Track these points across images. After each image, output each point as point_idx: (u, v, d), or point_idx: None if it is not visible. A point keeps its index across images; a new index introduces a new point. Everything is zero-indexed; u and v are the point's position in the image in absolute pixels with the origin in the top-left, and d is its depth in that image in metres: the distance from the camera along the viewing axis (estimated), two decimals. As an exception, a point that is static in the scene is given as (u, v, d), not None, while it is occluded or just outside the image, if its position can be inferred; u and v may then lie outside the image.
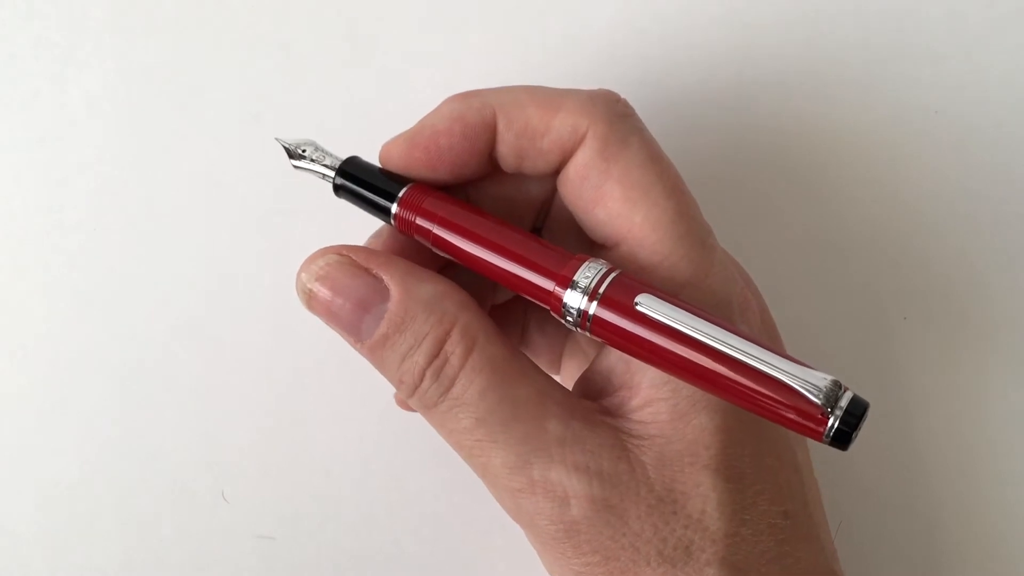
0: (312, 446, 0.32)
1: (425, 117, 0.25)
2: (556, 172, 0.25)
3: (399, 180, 0.25)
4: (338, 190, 0.26)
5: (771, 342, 0.25)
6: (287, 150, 0.27)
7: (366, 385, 0.32)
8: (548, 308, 0.24)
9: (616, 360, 0.24)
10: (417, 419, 0.32)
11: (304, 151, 0.26)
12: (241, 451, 0.31)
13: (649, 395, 0.23)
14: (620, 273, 0.23)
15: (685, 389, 0.23)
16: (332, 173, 0.26)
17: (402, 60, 0.33)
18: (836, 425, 0.20)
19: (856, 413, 0.20)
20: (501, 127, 0.25)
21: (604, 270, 0.23)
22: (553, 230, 0.28)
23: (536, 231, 0.28)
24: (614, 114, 0.24)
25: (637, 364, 0.24)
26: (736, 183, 0.32)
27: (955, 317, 0.32)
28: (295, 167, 0.27)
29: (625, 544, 0.23)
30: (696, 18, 0.32)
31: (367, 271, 0.24)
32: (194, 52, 0.33)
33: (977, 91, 0.32)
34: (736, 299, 0.24)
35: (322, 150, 0.26)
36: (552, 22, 0.32)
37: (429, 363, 0.23)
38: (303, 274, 0.25)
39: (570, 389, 0.25)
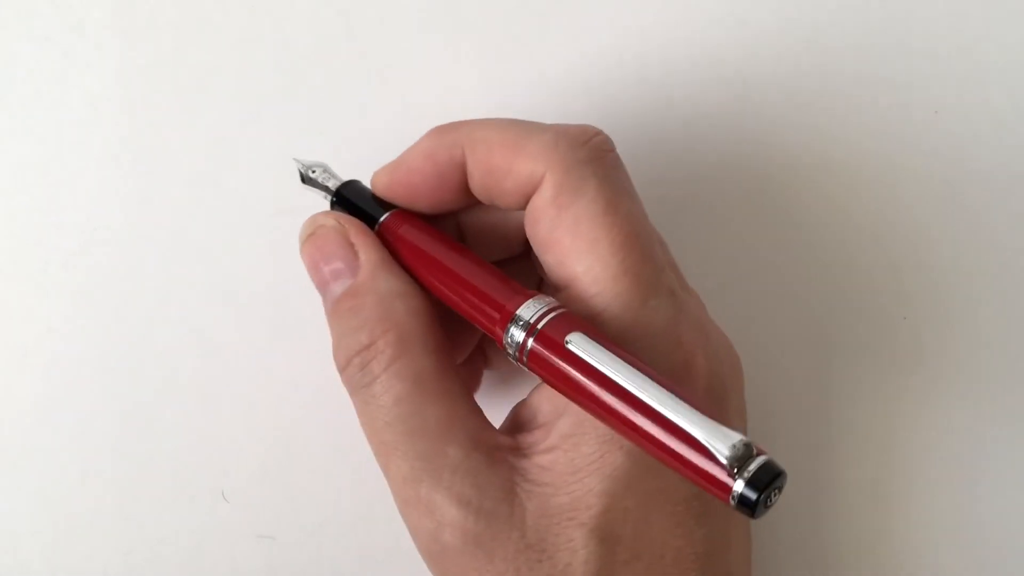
0: (312, 446, 0.32)
1: (404, 152, 0.27)
2: (518, 210, 0.26)
3: (387, 207, 0.27)
4: (334, 207, 0.29)
5: (711, 404, 0.25)
6: (300, 173, 0.29)
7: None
8: (495, 340, 0.24)
9: (543, 400, 0.25)
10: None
11: (314, 171, 0.29)
12: (241, 451, 0.31)
13: (555, 443, 0.24)
14: (563, 312, 0.23)
15: (586, 447, 0.23)
16: (333, 193, 0.28)
17: (402, 59, 0.33)
18: (741, 491, 0.19)
19: (764, 479, 0.19)
20: (470, 165, 0.26)
21: (546, 307, 0.23)
22: None
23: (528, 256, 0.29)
24: (573, 160, 0.24)
25: (559, 409, 0.24)
26: (735, 183, 0.32)
27: (955, 318, 0.32)
28: (304, 186, 0.29)
29: None
30: (695, 17, 0.32)
31: (352, 246, 0.26)
32: (195, 52, 0.33)
33: (977, 91, 0.32)
34: (669, 364, 0.24)
35: (330, 172, 0.29)
36: (554, 24, 0.32)
37: (360, 351, 0.25)
38: (305, 227, 0.27)
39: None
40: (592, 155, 0.25)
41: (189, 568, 0.31)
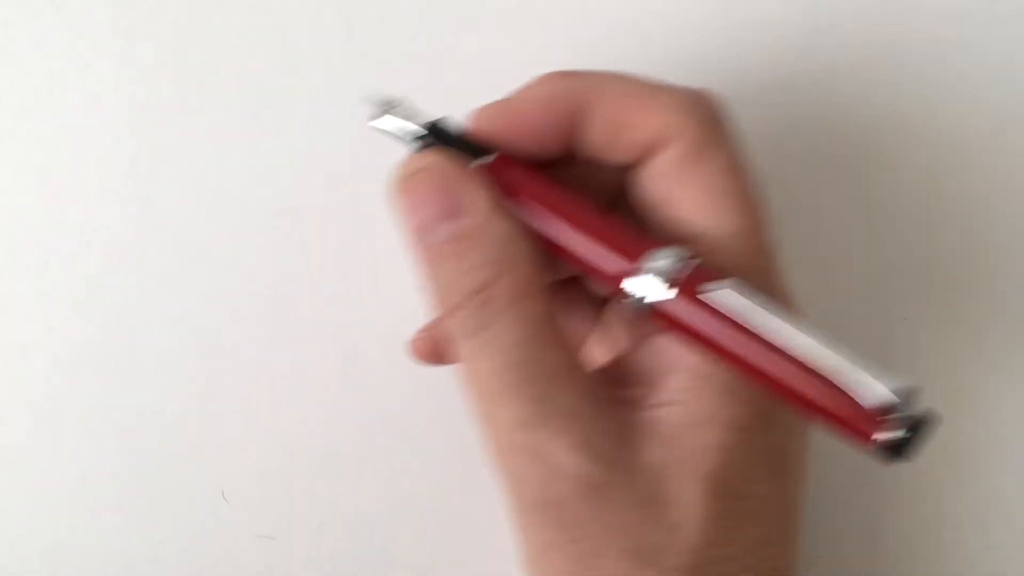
0: (312, 446, 0.32)
1: (521, 91, 0.26)
2: (633, 165, 0.25)
3: (484, 148, 0.26)
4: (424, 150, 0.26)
5: None
6: (378, 106, 0.26)
7: (367, 385, 0.32)
8: (615, 290, 0.24)
9: (651, 357, 0.25)
10: (418, 419, 0.32)
11: (394, 108, 0.26)
12: (241, 451, 0.31)
13: (670, 397, 0.23)
14: (699, 263, 0.23)
15: (706, 400, 0.23)
16: (422, 131, 0.26)
17: (404, 59, 0.33)
18: (900, 436, 0.20)
19: (924, 424, 0.20)
20: (592, 115, 0.25)
21: (682, 257, 0.23)
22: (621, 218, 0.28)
23: None
24: (706, 119, 0.25)
25: (672, 363, 0.24)
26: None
27: (955, 317, 0.32)
28: (375, 127, 0.26)
29: (596, 531, 0.23)
30: (694, 16, 0.32)
31: (459, 188, 0.24)
32: (195, 52, 0.33)
33: (977, 91, 0.32)
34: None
35: (410, 109, 0.26)
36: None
37: (480, 290, 0.24)
38: (405, 166, 0.25)
39: None
40: (721, 116, 0.25)
41: (189, 568, 0.31)
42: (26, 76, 0.33)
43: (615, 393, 0.24)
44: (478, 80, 0.33)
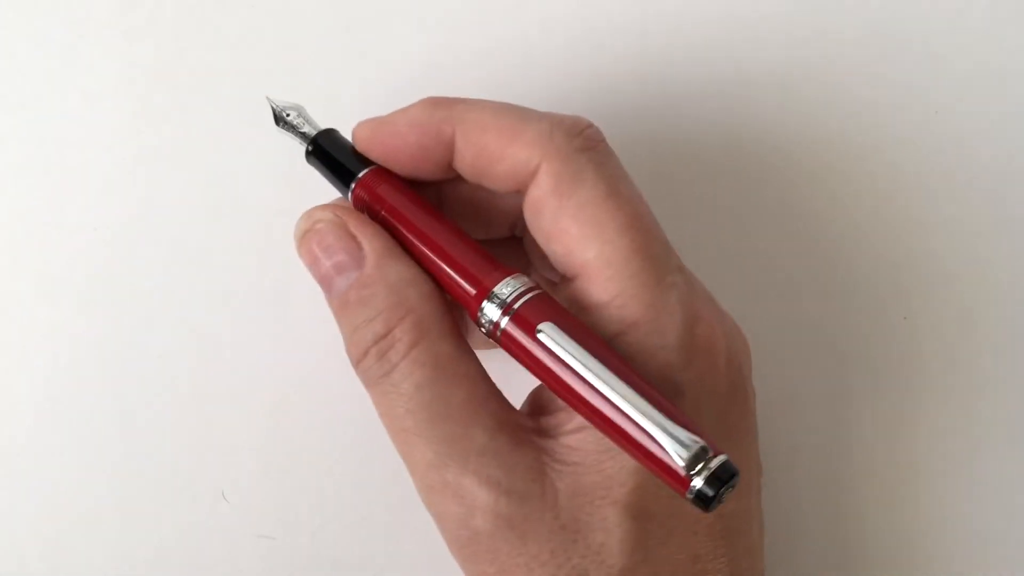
0: (312, 446, 0.32)
1: (393, 113, 0.26)
2: (514, 194, 0.26)
3: (365, 162, 0.27)
4: (309, 156, 0.27)
5: (730, 381, 0.25)
6: (273, 111, 0.28)
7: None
8: (471, 312, 0.24)
9: None
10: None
11: (288, 115, 0.28)
12: (241, 451, 0.31)
13: (582, 423, 0.24)
14: (540, 293, 0.23)
15: None
16: (306, 141, 0.27)
17: (403, 59, 0.33)
18: (699, 487, 0.20)
19: (723, 478, 0.20)
20: (459, 145, 0.25)
21: (523, 287, 0.23)
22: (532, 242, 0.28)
23: (515, 239, 0.29)
24: (571, 149, 0.24)
25: None
26: (734, 183, 0.32)
27: (955, 317, 0.32)
28: (277, 128, 0.28)
29: (520, 563, 0.23)
30: (693, 16, 0.32)
31: (353, 237, 0.25)
32: (195, 52, 0.33)
33: (977, 91, 0.32)
34: (693, 340, 0.24)
35: (305, 117, 0.28)
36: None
37: (376, 341, 0.24)
38: (301, 223, 0.26)
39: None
40: (586, 144, 0.25)
41: (189, 568, 0.31)
42: (26, 76, 0.33)
43: (537, 422, 0.25)
44: (479, 81, 0.33)
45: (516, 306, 0.23)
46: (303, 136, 0.28)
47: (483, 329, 0.24)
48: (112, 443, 0.31)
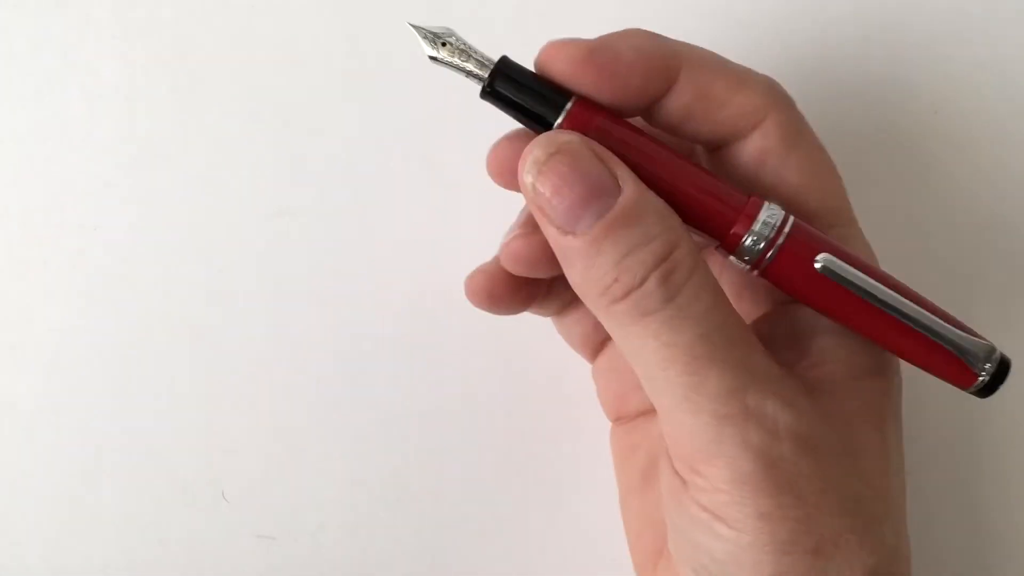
0: (312, 446, 0.32)
1: (607, 37, 0.24)
2: (712, 141, 0.25)
3: (560, 91, 0.24)
4: (488, 95, 0.24)
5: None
6: (431, 37, 0.24)
7: (366, 385, 0.32)
8: (720, 244, 0.24)
9: (787, 323, 0.25)
10: (417, 418, 0.32)
11: (445, 43, 0.24)
12: (241, 451, 0.31)
13: (822, 357, 0.24)
14: (796, 222, 0.23)
15: (858, 356, 0.24)
16: (484, 73, 0.24)
17: (403, 59, 0.33)
18: (986, 380, 0.24)
19: (1003, 372, 0.24)
20: (682, 82, 0.24)
21: (783, 215, 0.23)
22: None
23: None
24: (791, 103, 0.25)
25: (807, 330, 0.25)
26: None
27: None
28: (435, 59, 0.24)
29: (816, 489, 0.22)
30: (692, 15, 0.32)
31: (604, 162, 0.23)
32: (195, 51, 0.33)
33: (977, 91, 0.32)
34: None
35: (464, 43, 0.24)
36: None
37: (657, 264, 0.22)
38: (540, 147, 0.23)
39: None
40: (793, 101, 0.26)
41: (189, 568, 0.31)
42: (26, 76, 0.33)
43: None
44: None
45: (784, 235, 0.23)
46: (477, 68, 0.24)
47: (744, 260, 0.23)
48: (112, 443, 0.31)
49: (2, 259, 0.32)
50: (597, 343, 0.30)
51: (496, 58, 0.24)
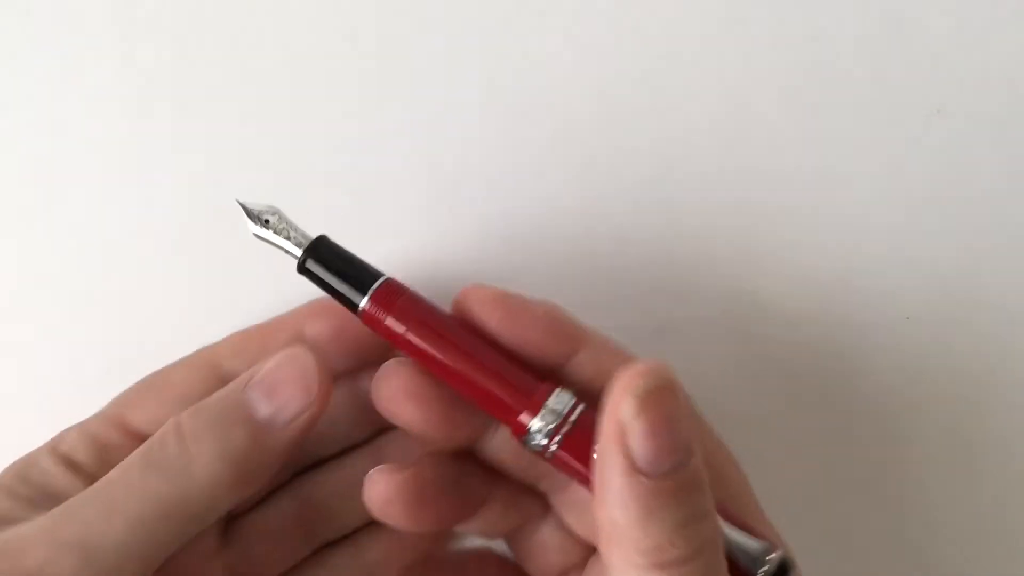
0: (312, 446, 0.31)
1: (519, 295, 0.25)
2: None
3: (371, 272, 0.25)
4: (303, 270, 0.25)
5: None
6: (248, 213, 0.25)
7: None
8: (510, 428, 0.24)
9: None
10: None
11: (268, 220, 0.25)
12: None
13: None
14: (586, 408, 0.23)
15: None
16: (298, 251, 0.25)
17: (403, 60, 0.33)
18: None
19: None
20: (582, 358, 0.25)
21: (573, 402, 0.23)
22: None
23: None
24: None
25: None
26: (734, 182, 0.32)
27: (956, 317, 0.32)
28: (256, 236, 0.25)
29: None
30: (692, 15, 0.32)
31: (690, 415, 0.22)
32: (195, 52, 0.33)
33: (977, 91, 0.32)
34: None
35: (287, 221, 0.25)
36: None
37: (712, 543, 0.22)
38: (641, 379, 0.21)
39: None
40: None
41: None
42: (26, 76, 0.33)
43: None
44: (479, 82, 0.33)
45: (573, 417, 0.23)
46: (292, 246, 0.25)
47: (533, 444, 0.23)
48: (112, 443, 0.31)
49: (2, 259, 0.32)
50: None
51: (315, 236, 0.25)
